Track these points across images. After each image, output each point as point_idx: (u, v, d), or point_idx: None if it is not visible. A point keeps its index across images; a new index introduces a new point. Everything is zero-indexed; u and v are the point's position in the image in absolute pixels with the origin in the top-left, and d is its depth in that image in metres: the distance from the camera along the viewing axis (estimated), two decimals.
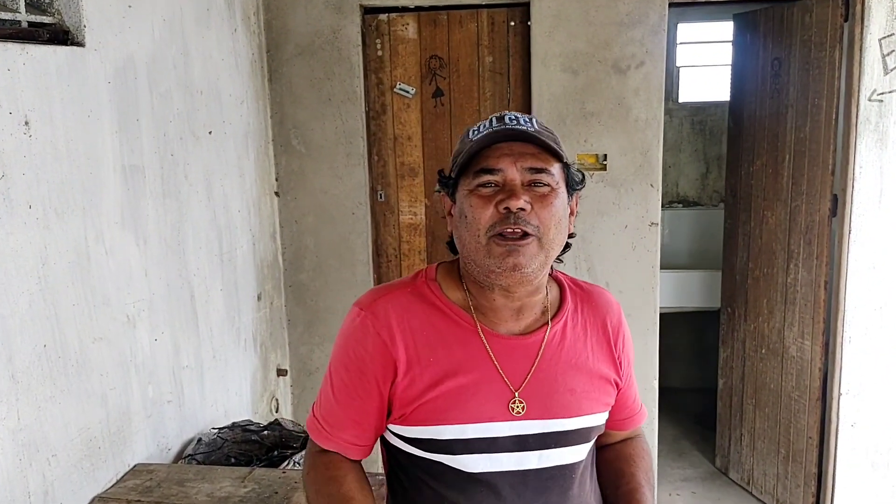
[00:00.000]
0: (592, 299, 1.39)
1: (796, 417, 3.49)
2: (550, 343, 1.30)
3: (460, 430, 1.24)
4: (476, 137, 1.24)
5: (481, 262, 1.23)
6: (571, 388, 1.29)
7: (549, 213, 1.22)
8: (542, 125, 1.28)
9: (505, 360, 1.27)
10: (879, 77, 3.00)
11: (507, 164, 1.21)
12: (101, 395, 2.10)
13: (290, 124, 3.31)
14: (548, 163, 1.23)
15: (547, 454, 1.27)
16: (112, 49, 2.15)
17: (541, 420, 1.27)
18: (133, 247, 2.25)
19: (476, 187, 1.22)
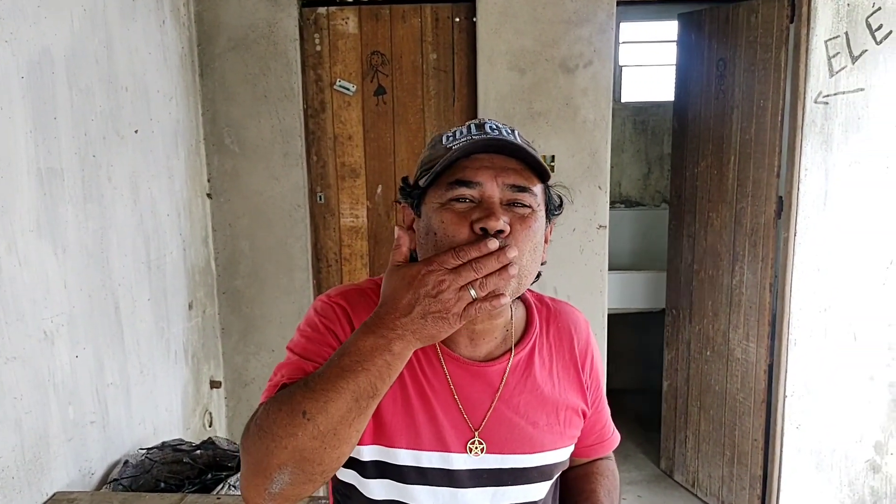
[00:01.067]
0: (560, 319, 1.28)
1: (741, 419, 3.48)
2: (514, 372, 1.18)
3: (416, 458, 1.14)
4: (452, 145, 1.10)
5: None
6: (534, 422, 1.19)
7: (527, 237, 1.07)
8: (526, 141, 1.15)
9: (463, 390, 1.16)
10: (825, 79, 3.00)
11: (486, 178, 1.07)
12: (14, 419, 1.91)
13: (223, 122, 3.14)
14: (531, 182, 1.09)
15: (503, 491, 1.17)
16: (25, 41, 1.97)
17: (500, 455, 1.16)
18: (50, 256, 2.07)
19: (449, 201, 1.07)
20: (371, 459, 1.14)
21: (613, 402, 3.39)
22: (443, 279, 0.93)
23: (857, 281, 3.15)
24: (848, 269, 3.15)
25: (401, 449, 1.13)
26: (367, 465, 1.15)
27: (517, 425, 1.17)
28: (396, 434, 1.13)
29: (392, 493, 1.15)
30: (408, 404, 1.14)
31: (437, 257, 0.94)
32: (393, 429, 1.13)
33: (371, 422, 1.11)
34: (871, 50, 2.98)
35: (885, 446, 3.28)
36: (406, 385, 1.14)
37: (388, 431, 1.13)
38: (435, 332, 0.94)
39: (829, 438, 3.29)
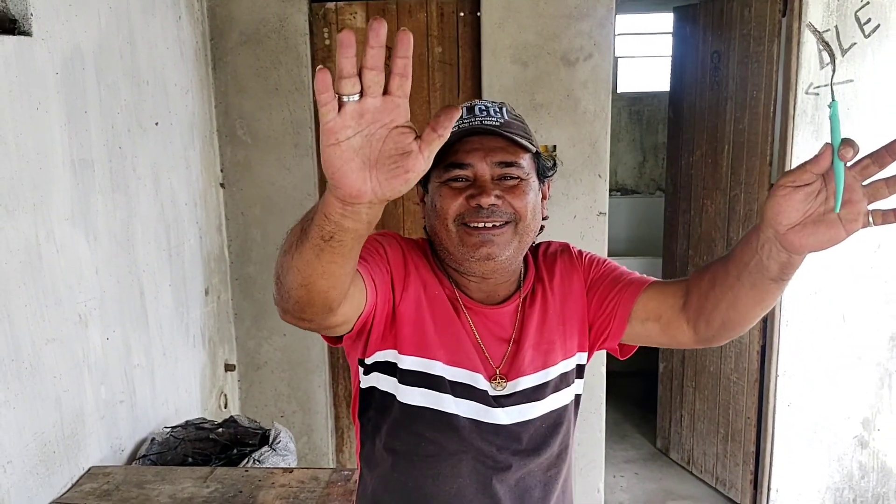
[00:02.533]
0: (545, 249, 1.44)
1: (735, 399, 3.62)
2: (523, 308, 1.35)
3: (451, 372, 1.29)
4: None
5: (454, 251, 1.28)
6: (547, 342, 1.35)
7: (522, 203, 1.25)
8: (513, 113, 1.31)
9: (483, 331, 1.33)
10: (816, 71, 3.12)
11: (476, 160, 1.24)
12: (54, 397, 2.03)
13: (236, 114, 3.24)
14: (517, 155, 1.26)
15: (528, 406, 1.32)
16: (59, 38, 2.07)
17: (519, 378, 1.32)
18: (83, 244, 2.18)
19: (447, 181, 1.26)
20: (411, 368, 1.29)
21: (611, 384, 3.56)
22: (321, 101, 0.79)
23: (846, 265, 3.29)
24: (837, 253, 3.24)
25: (438, 361, 1.29)
26: (406, 373, 1.29)
27: (530, 353, 1.34)
28: (436, 350, 1.29)
29: (424, 399, 1.29)
30: (447, 326, 1.30)
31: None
32: (433, 345, 1.29)
33: (416, 336, 1.29)
34: (859, 43, 3.11)
35: (873, 423, 3.43)
36: (449, 311, 1.31)
37: (429, 347, 1.29)
38: (327, 160, 0.81)
39: (819, 416, 3.43)
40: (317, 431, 3.51)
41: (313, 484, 2.11)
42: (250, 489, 2.08)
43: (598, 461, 3.50)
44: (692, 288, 1.26)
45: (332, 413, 3.53)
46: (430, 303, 1.31)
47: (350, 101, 0.78)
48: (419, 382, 1.29)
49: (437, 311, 1.31)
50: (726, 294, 1.18)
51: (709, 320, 1.24)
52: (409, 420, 1.31)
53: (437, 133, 0.80)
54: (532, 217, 1.27)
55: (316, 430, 3.50)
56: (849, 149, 0.88)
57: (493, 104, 1.30)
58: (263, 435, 2.55)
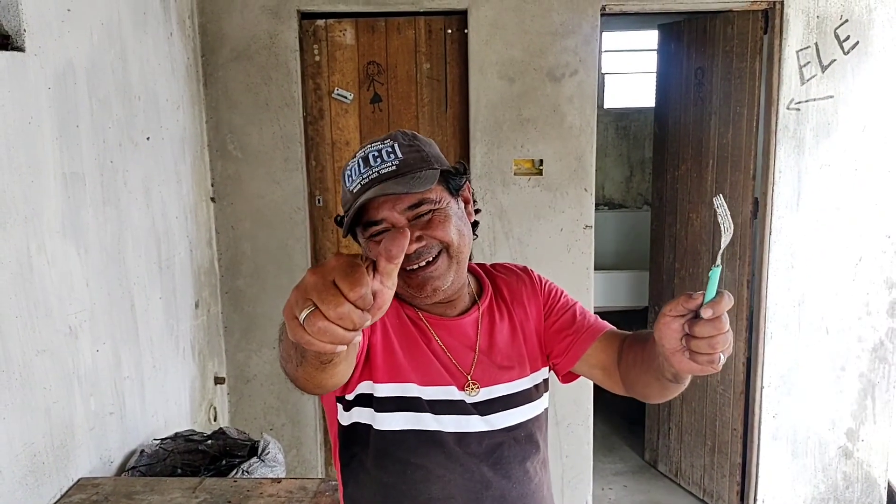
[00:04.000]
0: (502, 274, 1.53)
1: (721, 411, 3.65)
2: (483, 320, 1.43)
3: (426, 392, 1.35)
4: (351, 187, 1.31)
5: (403, 292, 1.35)
6: (508, 356, 1.43)
7: (444, 231, 1.30)
8: (407, 145, 1.32)
9: (448, 341, 1.39)
10: (797, 87, 3.18)
11: (386, 212, 1.28)
12: (44, 408, 2.04)
13: (226, 129, 3.28)
14: (422, 194, 1.29)
15: (497, 416, 1.39)
16: (52, 54, 2.10)
17: (489, 387, 1.39)
18: (74, 256, 2.20)
19: (369, 237, 1.31)
20: (387, 395, 1.34)
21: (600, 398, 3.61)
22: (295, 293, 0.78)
23: (829, 277, 3.34)
24: (820, 265, 3.33)
25: (412, 384, 1.34)
26: (383, 400, 1.34)
27: (495, 363, 1.41)
28: (408, 373, 1.34)
29: (405, 422, 1.34)
30: (415, 349, 1.36)
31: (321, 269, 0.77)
32: (405, 369, 1.34)
33: (387, 363, 1.34)
34: (839, 59, 3.17)
35: (857, 433, 3.47)
36: (413, 335, 1.38)
37: (402, 371, 1.34)
38: (307, 344, 0.77)
39: (804, 427, 3.47)
40: (306, 444, 3.52)
41: (301, 494, 2.13)
42: (239, 499, 2.10)
43: (587, 473, 3.52)
44: (624, 354, 1.36)
45: (322, 426, 3.54)
46: (395, 329, 1.36)
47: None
48: (397, 407, 1.34)
49: (403, 335, 1.36)
50: (641, 377, 1.29)
51: (631, 388, 1.36)
52: (394, 447, 1.35)
53: (393, 263, 0.78)
54: (459, 237, 1.32)
55: (305, 444, 3.52)
56: (709, 310, 0.98)
57: (384, 145, 1.32)
58: (252, 446, 2.57)
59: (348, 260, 0.76)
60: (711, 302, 0.99)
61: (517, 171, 3.29)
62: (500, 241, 3.33)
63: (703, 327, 0.99)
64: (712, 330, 0.99)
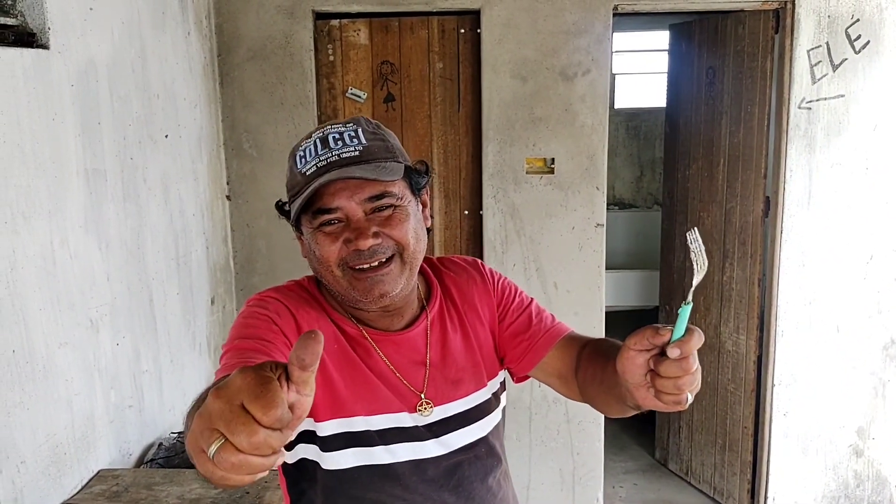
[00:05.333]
0: (451, 270, 1.42)
1: (732, 409, 3.67)
2: (433, 328, 1.32)
3: (373, 422, 1.23)
4: (305, 169, 1.18)
5: (346, 294, 1.22)
6: (462, 368, 1.32)
7: (402, 231, 1.20)
8: (371, 131, 1.22)
9: (396, 360, 1.28)
10: (808, 86, 3.20)
11: (343, 201, 1.16)
12: (66, 400, 2.08)
13: (242, 128, 3.31)
14: (385, 185, 1.18)
15: (453, 436, 1.29)
16: (75, 52, 2.14)
17: (442, 405, 1.29)
18: (96, 251, 2.24)
19: (319, 226, 1.19)
20: (332, 433, 1.22)
21: None
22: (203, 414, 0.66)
23: (840, 275, 3.35)
24: (831, 264, 3.35)
25: (359, 417, 1.22)
26: (328, 439, 1.22)
27: (449, 378, 1.30)
28: (352, 405, 1.22)
29: (356, 459, 1.23)
30: (357, 377, 1.24)
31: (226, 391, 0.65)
32: (349, 401, 1.22)
33: (327, 399, 1.20)
34: (850, 59, 3.19)
35: (867, 432, 3.48)
36: (354, 359, 1.25)
37: (345, 404, 1.22)
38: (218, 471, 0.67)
39: (815, 425, 3.48)
40: None
41: None
42: (257, 490, 2.13)
43: (598, 472, 3.54)
44: (583, 366, 1.27)
45: None
46: (333, 357, 1.23)
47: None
48: (345, 444, 1.22)
49: (343, 362, 1.24)
50: (599, 395, 1.22)
51: (590, 401, 1.28)
52: (346, 485, 1.24)
53: (307, 371, 0.66)
54: (416, 241, 1.22)
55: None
56: (676, 349, 0.92)
57: (347, 128, 1.20)
58: None
59: (256, 376, 0.63)
60: (680, 341, 0.92)
61: (529, 170, 3.32)
62: (511, 240, 3.36)
63: (669, 367, 0.93)
64: (678, 370, 0.93)
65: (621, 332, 4.09)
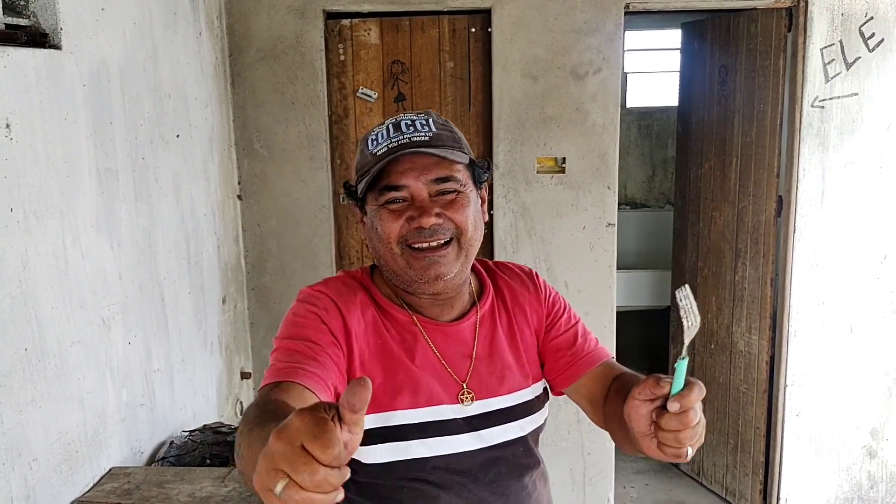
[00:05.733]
0: (505, 274, 1.45)
1: (744, 409, 3.65)
2: (483, 324, 1.36)
3: (413, 416, 1.26)
4: (376, 150, 1.24)
5: (401, 273, 1.27)
6: (507, 365, 1.35)
7: (462, 217, 1.25)
8: (441, 123, 1.28)
9: (444, 348, 1.31)
10: (821, 84, 3.18)
11: (411, 180, 1.22)
12: (78, 398, 2.09)
13: (253, 128, 3.32)
14: (451, 169, 1.24)
15: (491, 432, 1.31)
16: (87, 52, 2.15)
17: (484, 400, 1.31)
18: (108, 250, 2.25)
19: (384, 203, 1.24)
20: (369, 427, 1.21)
21: None
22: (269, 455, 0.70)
23: (853, 275, 3.33)
24: (844, 264, 3.32)
25: (398, 411, 1.25)
26: (366, 433, 1.24)
27: (495, 372, 1.33)
28: (392, 399, 1.25)
29: (392, 453, 1.25)
30: (398, 370, 1.27)
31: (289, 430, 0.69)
32: (388, 396, 1.25)
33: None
34: (864, 57, 3.17)
35: (881, 432, 3.45)
36: (394, 353, 1.28)
37: (383, 400, 1.25)
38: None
39: (828, 425, 3.46)
40: None
41: None
42: None
43: (609, 471, 3.53)
44: (609, 399, 1.30)
45: None
46: (375, 353, 1.26)
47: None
48: (382, 439, 1.25)
49: (384, 358, 1.27)
50: (618, 432, 1.25)
51: (612, 434, 1.30)
52: (381, 479, 1.27)
53: (357, 414, 0.71)
54: (474, 229, 1.27)
55: None
56: (676, 403, 0.94)
57: (419, 116, 1.27)
58: None
59: (313, 418, 0.68)
60: (679, 394, 0.94)
61: (540, 170, 3.31)
62: (522, 239, 3.35)
63: (669, 420, 0.94)
64: (678, 424, 0.94)
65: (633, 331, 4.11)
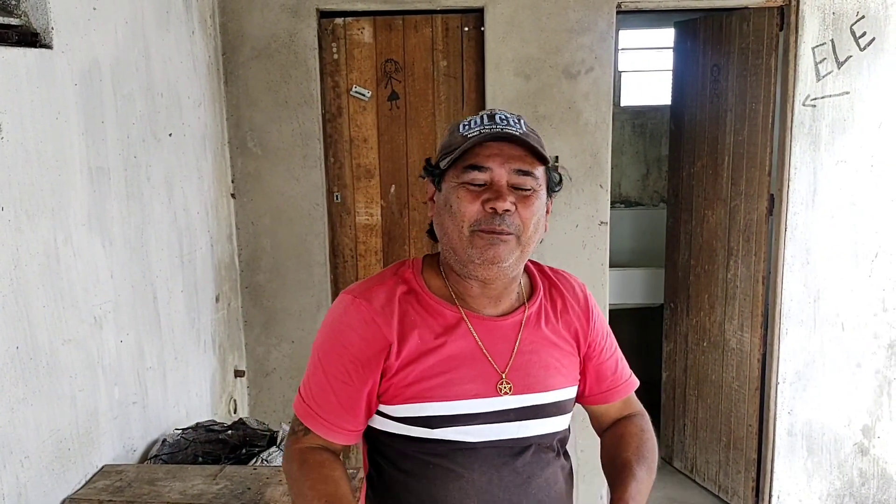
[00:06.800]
0: (560, 284, 1.51)
1: (737, 407, 3.66)
2: (528, 323, 1.41)
3: (446, 407, 1.32)
4: (468, 133, 1.31)
5: (462, 253, 1.31)
6: (546, 364, 1.40)
7: (530, 214, 1.30)
8: (529, 126, 1.36)
9: (488, 340, 1.37)
10: (812, 83, 3.19)
11: (496, 164, 1.29)
12: (70, 396, 2.10)
13: (247, 126, 3.33)
14: (533, 166, 1.31)
15: (526, 425, 1.37)
16: (78, 51, 2.16)
17: (521, 395, 1.37)
18: (99, 248, 2.26)
19: (465, 182, 1.30)
20: (403, 416, 1.34)
21: None
22: None
23: (845, 273, 3.34)
24: (836, 261, 3.34)
25: (432, 402, 1.32)
26: (398, 418, 1.34)
27: (534, 368, 1.39)
28: (428, 393, 1.32)
29: (423, 434, 1.34)
30: (438, 365, 1.33)
31: None
32: (425, 389, 1.32)
33: (403, 387, 1.32)
34: (855, 56, 3.18)
35: (873, 430, 3.47)
36: (434, 349, 1.34)
37: (419, 392, 1.32)
38: None
39: (820, 423, 3.47)
40: None
41: None
42: (258, 486, 2.14)
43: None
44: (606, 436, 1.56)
45: None
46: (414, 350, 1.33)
47: None
48: (414, 424, 1.33)
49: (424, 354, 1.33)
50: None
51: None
52: (412, 451, 1.35)
53: None
54: (535, 230, 1.33)
55: None
56: None
57: (512, 115, 1.35)
58: (272, 436, 2.62)
59: None
60: None
61: None
62: None
63: None
64: None
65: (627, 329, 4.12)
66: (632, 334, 5.08)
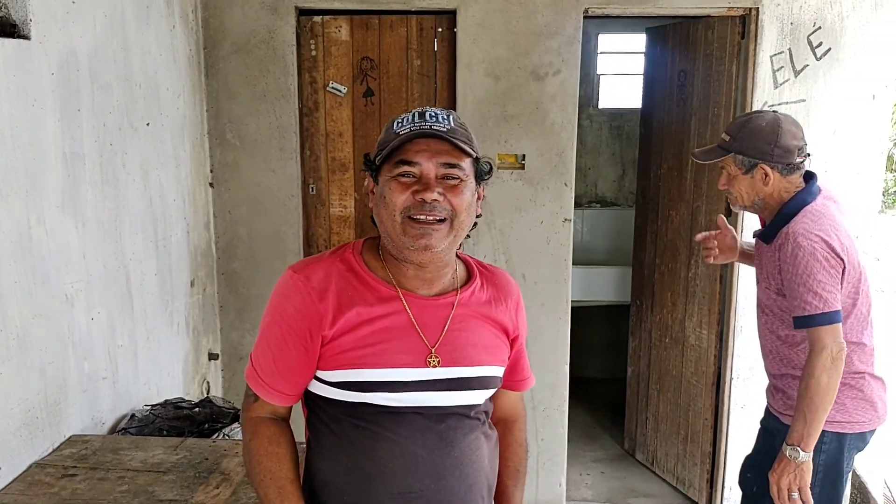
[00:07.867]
0: (496, 278, 1.64)
1: (694, 401, 3.79)
2: (461, 304, 1.53)
3: (377, 374, 1.44)
4: (400, 130, 1.44)
5: (397, 239, 1.44)
6: (475, 343, 1.53)
7: (459, 201, 1.43)
8: (458, 122, 1.47)
9: (420, 317, 1.48)
10: (770, 90, 3.32)
11: (424, 159, 1.41)
12: (39, 368, 2.22)
13: (226, 118, 3.45)
14: (459, 159, 1.43)
15: (450, 395, 1.49)
16: (56, 42, 2.28)
17: (450, 367, 1.49)
18: (72, 230, 2.38)
19: (396, 175, 1.42)
20: (337, 381, 1.45)
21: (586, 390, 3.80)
22: None
23: None
24: None
25: (365, 369, 1.44)
26: (333, 383, 1.46)
27: (462, 345, 1.50)
28: (361, 360, 1.44)
29: (355, 398, 1.46)
30: (371, 335, 1.45)
31: None
32: (358, 357, 1.44)
33: (336, 356, 1.45)
34: (811, 65, 3.30)
35: None
36: (369, 320, 1.46)
37: (353, 359, 1.44)
38: None
39: None
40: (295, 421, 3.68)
41: None
42: (216, 457, 2.27)
43: (561, 457, 3.67)
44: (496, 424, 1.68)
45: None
46: (351, 321, 1.44)
47: None
48: (349, 388, 1.45)
49: (359, 325, 1.45)
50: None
51: None
52: (345, 415, 1.47)
53: None
54: (466, 214, 1.45)
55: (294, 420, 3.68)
56: None
57: (442, 112, 1.46)
58: (235, 414, 2.74)
59: None
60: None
61: (500, 165, 3.44)
62: (482, 232, 3.49)
63: None
64: None
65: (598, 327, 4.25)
66: (603, 331, 5.21)
